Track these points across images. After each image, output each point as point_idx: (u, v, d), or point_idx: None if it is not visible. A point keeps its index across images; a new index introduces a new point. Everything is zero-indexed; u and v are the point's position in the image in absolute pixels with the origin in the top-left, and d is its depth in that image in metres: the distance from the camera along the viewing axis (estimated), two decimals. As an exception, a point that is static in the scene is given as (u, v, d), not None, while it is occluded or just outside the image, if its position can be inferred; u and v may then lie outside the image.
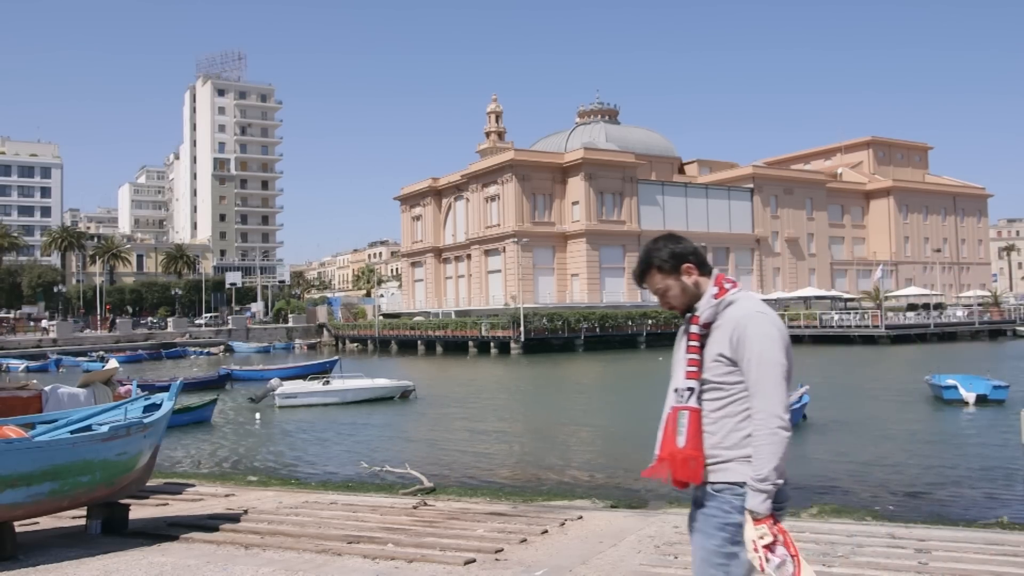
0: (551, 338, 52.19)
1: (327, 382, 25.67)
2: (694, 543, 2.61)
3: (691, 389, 2.59)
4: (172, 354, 57.56)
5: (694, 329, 2.64)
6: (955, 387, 20.96)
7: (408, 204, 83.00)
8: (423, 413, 22.59)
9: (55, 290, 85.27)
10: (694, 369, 2.60)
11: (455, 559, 5.54)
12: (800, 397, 17.89)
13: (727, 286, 2.66)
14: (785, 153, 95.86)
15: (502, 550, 5.84)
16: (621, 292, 65.41)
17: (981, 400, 20.29)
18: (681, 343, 2.69)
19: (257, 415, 22.35)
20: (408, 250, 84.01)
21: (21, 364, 46.56)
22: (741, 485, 2.50)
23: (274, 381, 25.58)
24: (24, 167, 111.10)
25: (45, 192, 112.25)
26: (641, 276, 2.78)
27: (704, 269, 2.70)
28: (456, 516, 7.36)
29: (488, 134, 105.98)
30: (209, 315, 79.80)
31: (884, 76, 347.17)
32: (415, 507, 8.10)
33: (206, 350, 62.02)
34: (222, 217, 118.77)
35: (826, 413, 19.42)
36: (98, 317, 74.53)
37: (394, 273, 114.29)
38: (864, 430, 17.19)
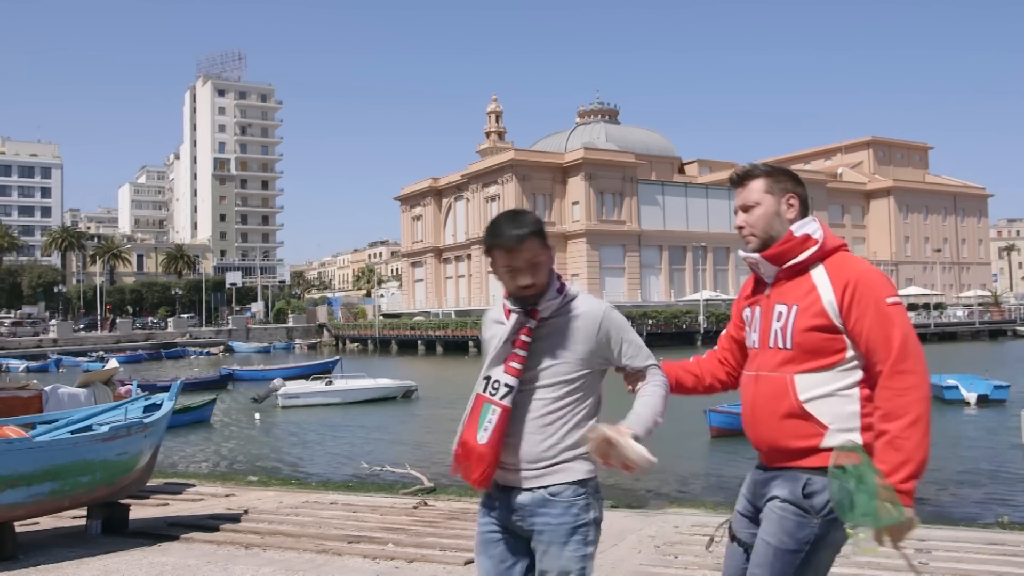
0: (551, 338, 52.03)
1: (330, 382, 25.68)
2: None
3: (509, 387, 2.40)
4: (172, 354, 57.53)
5: (531, 324, 2.44)
6: (956, 387, 20.94)
7: (408, 204, 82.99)
8: (425, 413, 22.59)
9: (55, 290, 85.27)
10: (518, 366, 2.41)
11: (455, 559, 5.53)
12: None
13: (563, 280, 2.53)
14: (785, 153, 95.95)
15: (502, 550, 5.83)
16: (621, 292, 65.40)
17: (982, 400, 20.29)
18: (503, 334, 2.45)
19: (257, 415, 22.34)
20: (408, 250, 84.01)
21: (21, 364, 46.55)
22: (583, 484, 2.40)
23: (277, 381, 25.62)
24: (24, 167, 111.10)
25: (45, 192, 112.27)
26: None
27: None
28: (456, 516, 7.35)
29: (488, 134, 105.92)
30: (188, 315, 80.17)
31: (884, 76, 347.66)
32: (415, 507, 8.10)
33: (205, 350, 62.00)
34: (222, 217, 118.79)
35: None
36: (98, 317, 74.55)
37: (394, 273, 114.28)
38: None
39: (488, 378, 2.44)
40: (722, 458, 14.43)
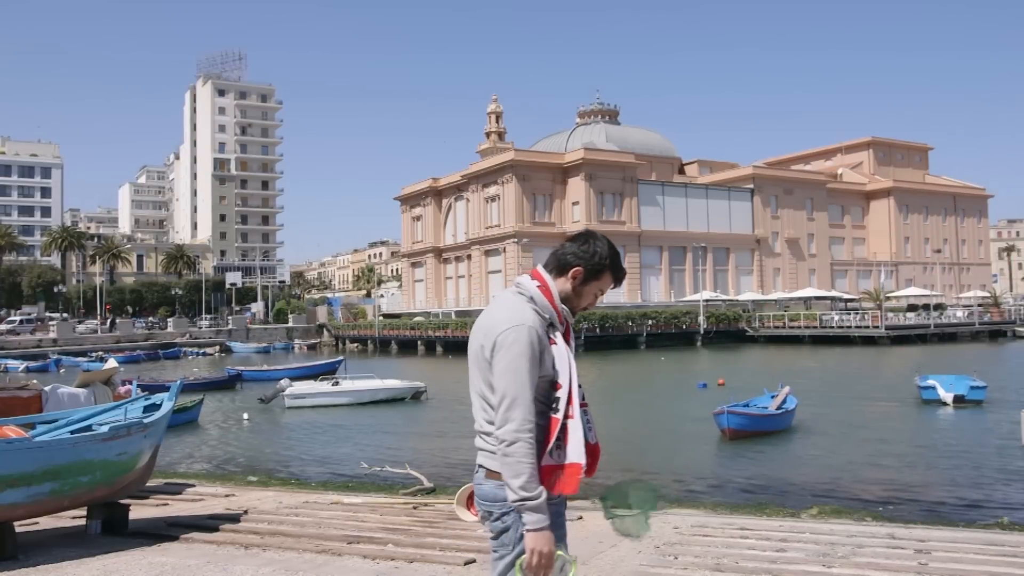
0: (551, 338, 52.04)
1: (337, 383, 25.54)
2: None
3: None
4: (169, 354, 57.46)
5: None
6: (934, 387, 21.17)
7: (408, 204, 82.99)
8: (436, 415, 22.26)
9: (55, 290, 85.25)
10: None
11: (455, 559, 5.54)
12: (785, 399, 17.50)
13: None
14: (785, 153, 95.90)
15: (502, 550, 5.83)
16: (621, 292, 65.30)
17: (959, 400, 20.48)
18: (572, 341, 2.78)
19: (245, 415, 22.17)
20: (408, 250, 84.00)
21: (21, 364, 46.53)
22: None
23: (284, 382, 25.52)
24: (24, 167, 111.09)
25: (45, 192, 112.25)
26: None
27: None
28: (456, 516, 7.35)
29: (488, 134, 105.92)
30: (198, 316, 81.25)
31: (884, 76, 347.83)
32: (415, 507, 8.11)
33: (203, 350, 62.00)
34: (222, 217, 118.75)
35: (824, 414, 19.42)
36: (98, 317, 74.55)
37: (394, 273, 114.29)
38: (861, 431, 17.19)
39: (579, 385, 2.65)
40: (724, 459, 14.42)
